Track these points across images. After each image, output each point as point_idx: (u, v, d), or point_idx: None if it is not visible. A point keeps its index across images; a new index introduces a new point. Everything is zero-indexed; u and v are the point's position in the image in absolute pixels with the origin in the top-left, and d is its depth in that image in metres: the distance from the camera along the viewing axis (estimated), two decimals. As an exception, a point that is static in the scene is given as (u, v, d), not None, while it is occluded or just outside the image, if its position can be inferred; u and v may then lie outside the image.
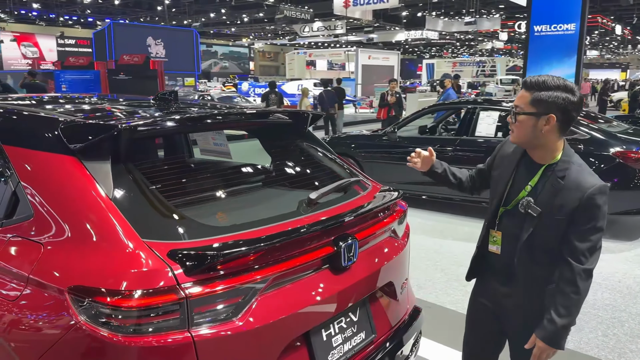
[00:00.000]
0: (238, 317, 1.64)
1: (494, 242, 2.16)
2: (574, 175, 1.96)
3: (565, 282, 1.94)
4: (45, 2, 33.13)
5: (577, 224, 1.93)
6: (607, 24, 32.67)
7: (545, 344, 1.96)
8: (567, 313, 1.93)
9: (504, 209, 2.12)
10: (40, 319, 1.63)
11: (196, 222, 1.80)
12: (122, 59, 16.12)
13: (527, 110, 1.95)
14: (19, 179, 1.89)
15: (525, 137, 1.99)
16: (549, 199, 1.97)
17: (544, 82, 1.93)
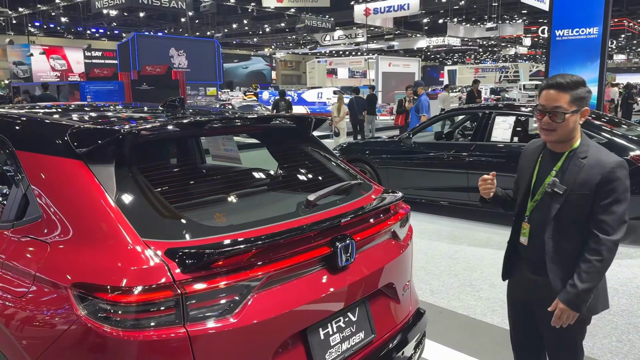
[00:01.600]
0: (233, 313, 1.69)
1: (523, 234, 2.33)
2: (595, 154, 2.17)
3: (589, 251, 2.12)
4: (73, 16, 34.08)
5: (601, 197, 2.11)
6: (634, 27, 32.07)
7: (566, 306, 2.14)
8: (589, 279, 2.10)
9: (534, 203, 2.29)
10: (44, 315, 1.70)
11: (194, 222, 1.87)
12: (145, 70, 16.47)
13: (571, 109, 2.14)
14: (29, 182, 1.98)
15: (567, 133, 2.19)
16: (573, 177, 2.17)
17: (575, 82, 2.15)
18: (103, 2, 19.29)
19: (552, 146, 2.28)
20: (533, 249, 2.29)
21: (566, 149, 2.23)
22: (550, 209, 2.21)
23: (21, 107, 2.88)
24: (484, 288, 4.69)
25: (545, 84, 2.21)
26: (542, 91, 2.21)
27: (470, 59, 57.92)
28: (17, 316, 1.77)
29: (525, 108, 7.20)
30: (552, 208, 2.20)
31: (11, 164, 2.12)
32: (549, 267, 2.20)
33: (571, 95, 2.13)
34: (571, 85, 2.14)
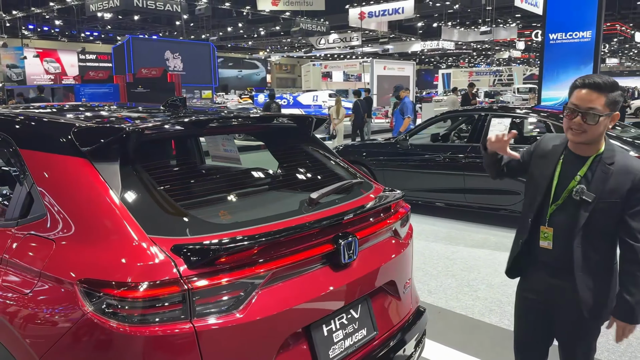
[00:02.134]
0: (239, 309, 1.71)
1: (545, 238, 2.25)
2: (622, 161, 2.11)
3: (629, 262, 2.09)
4: (67, 19, 33.98)
5: (631, 205, 2.06)
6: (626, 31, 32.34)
7: (625, 322, 2.12)
8: (637, 290, 2.07)
9: (555, 206, 2.21)
10: (50, 311, 1.71)
11: (199, 219, 1.88)
12: (140, 72, 16.47)
13: (605, 112, 2.05)
14: (34, 180, 1.99)
15: (596, 136, 2.09)
16: (601, 184, 2.09)
17: (613, 84, 2.06)
18: (97, 5, 19.26)
19: (575, 148, 2.19)
20: (557, 254, 2.22)
21: (591, 153, 2.14)
22: (578, 217, 2.13)
23: (16, 108, 2.89)
24: (482, 288, 4.72)
25: (580, 83, 2.10)
26: (575, 90, 2.11)
27: (464, 62, 58.18)
28: (23, 313, 1.77)
29: (520, 110, 7.27)
30: (581, 216, 2.12)
31: (15, 162, 2.13)
32: (577, 275, 2.15)
33: (607, 98, 2.04)
34: (608, 86, 2.04)
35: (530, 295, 2.38)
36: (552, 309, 2.31)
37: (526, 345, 2.50)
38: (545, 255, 2.27)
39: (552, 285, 2.26)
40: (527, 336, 2.47)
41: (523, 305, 2.44)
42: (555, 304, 2.28)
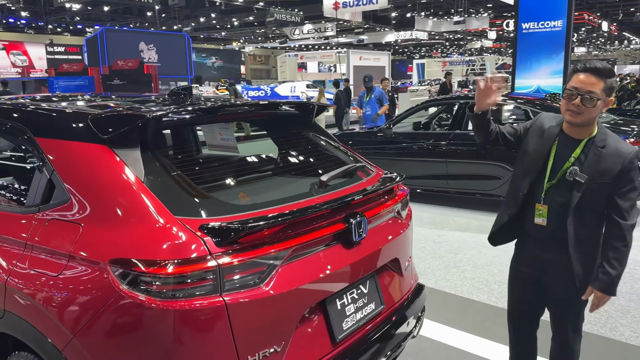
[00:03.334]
0: (263, 284, 1.81)
1: (540, 215, 2.39)
2: (613, 144, 2.26)
3: (615, 238, 2.25)
4: (33, 10, 33.10)
5: (620, 185, 2.23)
6: (593, 20, 33.08)
7: (603, 293, 2.28)
8: (619, 264, 2.25)
9: (550, 184, 2.35)
10: (82, 290, 1.78)
11: (221, 201, 1.98)
12: (117, 64, 16.23)
13: (602, 97, 2.19)
14: (53, 167, 2.04)
15: (592, 118, 2.24)
16: (593, 166, 2.24)
17: (610, 70, 2.19)
18: (65, -5, 18.81)
19: (570, 131, 2.32)
20: (550, 231, 2.36)
21: (585, 136, 2.28)
22: (571, 196, 2.27)
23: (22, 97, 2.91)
24: (468, 269, 4.91)
25: (582, 67, 2.21)
26: (575, 74, 2.22)
27: (438, 52, 58.73)
28: (54, 294, 1.84)
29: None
30: (574, 196, 2.27)
31: (32, 150, 2.18)
32: (571, 252, 2.30)
33: (605, 83, 2.17)
34: (607, 72, 2.17)
35: (525, 269, 2.53)
36: (546, 282, 2.47)
37: (520, 315, 2.66)
38: (539, 232, 2.42)
39: (546, 260, 2.42)
40: (521, 307, 2.63)
41: (518, 278, 2.59)
42: (549, 276, 2.44)
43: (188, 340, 1.69)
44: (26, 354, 2.02)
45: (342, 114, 13.83)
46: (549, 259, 2.41)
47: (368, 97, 10.35)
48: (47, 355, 1.87)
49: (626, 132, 6.12)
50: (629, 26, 40.73)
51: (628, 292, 4.33)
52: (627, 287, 4.43)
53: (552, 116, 2.48)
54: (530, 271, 2.51)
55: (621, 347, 3.49)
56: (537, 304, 2.60)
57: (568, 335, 2.52)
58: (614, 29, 38.35)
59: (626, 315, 3.91)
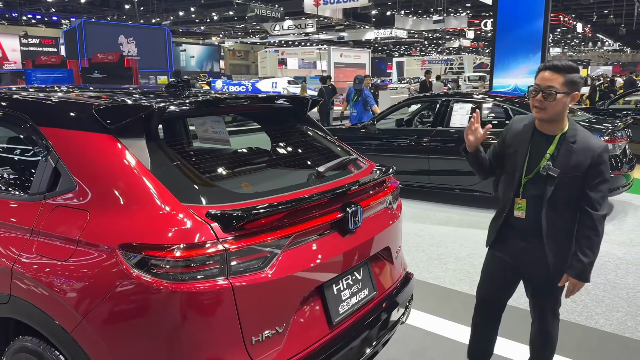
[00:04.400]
0: (266, 268, 1.90)
1: (519, 209, 2.53)
2: (583, 139, 2.41)
3: (587, 228, 2.39)
4: (7, 1, 32.37)
5: (590, 178, 2.37)
6: (568, 22, 33.77)
7: (577, 280, 2.44)
8: (591, 252, 2.41)
9: (527, 179, 2.49)
10: (92, 274, 1.84)
11: (225, 189, 2.06)
12: (97, 57, 16.03)
13: (563, 90, 2.33)
14: (59, 155, 2.09)
15: (556, 113, 2.38)
16: (565, 160, 2.39)
17: (571, 66, 2.35)
18: (41, -15, 18.45)
19: (542, 128, 2.47)
20: (528, 222, 2.50)
21: (557, 132, 2.43)
22: (545, 190, 2.42)
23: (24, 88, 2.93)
24: (450, 261, 5.06)
25: (542, 66, 2.40)
26: (539, 72, 2.39)
27: (417, 51, 59.22)
28: (63, 278, 1.89)
29: (478, 95, 7.65)
30: (547, 189, 2.41)
31: (36, 140, 2.22)
32: (545, 242, 2.45)
33: (565, 78, 2.32)
34: (566, 68, 2.33)
35: (504, 257, 2.67)
36: (524, 270, 2.62)
37: (490, 299, 2.81)
38: (518, 223, 2.56)
39: (524, 249, 2.56)
40: (494, 293, 2.79)
41: (495, 265, 2.73)
42: (527, 264, 2.58)
43: (196, 321, 1.77)
44: (31, 338, 2.07)
45: (327, 110, 13.92)
46: (526, 248, 2.55)
47: (355, 98, 10.43)
48: (56, 338, 1.93)
49: (600, 130, 6.34)
50: (602, 28, 41.68)
51: (602, 282, 4.52)
52: (602, 278, 4.62)
53: (523, 117, 2.64)
54: (508, 258, 2.65)
55: (596, 333, 3.67)
56: (508, 290, 2.76)
57: (547, 320, 2.68)
58: (588, 30, 39.22)
59: (600, 304, 4.10)
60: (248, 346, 1.85)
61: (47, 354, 1.99)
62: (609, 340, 3.57)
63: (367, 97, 10.36)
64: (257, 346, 1.88)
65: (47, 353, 1.99)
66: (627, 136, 6.63)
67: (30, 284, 1.98)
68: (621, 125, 6.57)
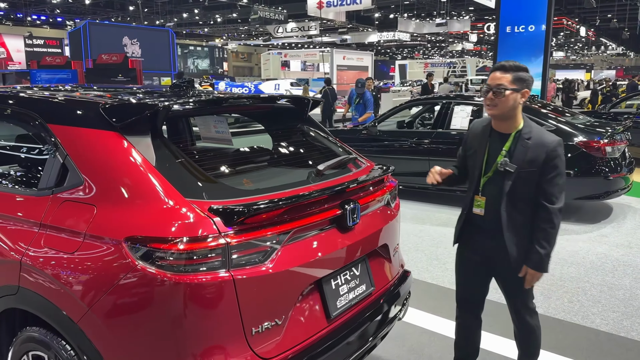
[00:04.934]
0: (266, 262, 1.96)
1: (478, 206, 2.64)
2: (537, 135, 2.52)
3: (543, 221, 2.48)
4: (12, 2, 32.57)
5: (546, 172, 2.47)
6: (572, 25, 33.82)
7: (535, 270, 2.53)
8: (548, 244, 2.50)
9: (486, 178, 2.60)
10: (98, 266, 1.90)
11: (227, 186, 2.13)
12: (101, 58, 16.15)
13: (512, 87, 2.47)
14: (67, 152, 2.16)
15: (506, 109, 2.49)
16: (521, 156, 2.48)
17: (517, 66, 2.50)
18: (47, -12, 18.58)
19: (498, 127, 2.58)
20: (488, 219, 2.60)
21: (511, 130, 2.55)
22: (503, 185, 2.52)
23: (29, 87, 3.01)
24: (449, 261, 5.11)
25: (492, 68, 2.59)
26: (490, 74, 2.57)
27: (419, 54, 59.29)
28: (70, 270, 1.96)
29: (479, 98, 7.70)
30: (505, 184, 2.51)
31: (45, 137, 2.29)
32: (505, 235, 2.54)
33: (512, 76, 2.47)
34: (513, 67, 2.48)
35: (472, 256, 2.76)
36: (493, 266, 2.71)
37: (468, 298, 2.88)
38: (479, 220, 2.66)
39: (490, 246, 2.65)
40: (469, 292, 2.86)
41: (466, 265, 2.82)
42: (495, 261, 2.67)
43: (198, 311, 1.83)
44: (38, 329, 2.14)
45: (329, 112, 13.96)
46: (493, 246, 2.63)
47: (357, 101, 10.48)
48: (62, 327, 1.99)
49: (600, 133, 6.39)
50: (606, 32, 41.73)
51: (599, 283, 4.58)
52: (599, 279, 4.68)
53: (482, 120, 2.76)
54: (476, 257, 2.74)
55: (592, 333, 3.72)
56: (483, 288, 2.83)
57: (524, 315, 2.74)
58: (592, 34, 39.25)
59: (597, 305, 4.15)
60: (248, 336, 1.91)
61: (54, 343, 2.05)
62: (604, 340, 3.62)
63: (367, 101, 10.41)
64: (257, 337, 1.94)
65: (53, 342, 2.06)
66: (627, 139, 6.68)
67: (38, 276, 2.05)
68: (620, 128, 6.62)
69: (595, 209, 7.09)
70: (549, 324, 3.82)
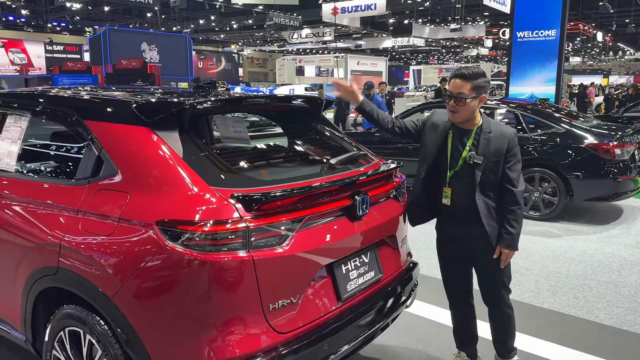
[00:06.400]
0: (283, 245, 2.16)
1: (446, 197, 2.84)
2: (497, 129, 2.78)
3: (510, 203, 2.73)
4: (33, 9, 33.34)
5: (508, 160, 2.71)
6: (588, 30, 33.64)
7: (508, 249, 2.76)
8: (517, 224, 2.75)
9: (453, 171, 2.80)
10: (131, 246, 2.11)
11: (248, 176, 2.34)
12: (121, 64, 16.58)
13: (472, 95, 2.67)
14: (102, 145, 2.38)
15: (468, 115, 2.72)
16: (485, 149, 2.71)
17: (476, 73, 2.67)
18: (66, -5, 18.99)
19: (459, 124, 2.78)
20: (458, 208, 2.80)
21: (472, 126, 2.76)
22: (474, 176, 2.72)
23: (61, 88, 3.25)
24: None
25: (452, 74, 2.75)
26: (450, 80, 2.73)
27: (434, 59, 59.32)
28: (106, 251, 2.17)
29: (491, 102, 7.84)
30: (476, 175, 2.71)
31: (81, 132, 2.51)
32: (484, 222, 2.74)
33: (472, 84, 2.64)
34: (472, 76, 2.65)
35: (449, 246, 2.95)
36: (469, 253, 2.89)
37: (455, 288, 3.06)
38: (447, 210, 2.87)
39: (463, 234, 2.84)
40: (455, 282, 3.04)
41: (445, 256, 3.02)
42: (471, 247, 2.85)
43: (221, 287, 2.03)
44: (74, 307, 2.35)
45: (343, 117, 14.11)
46: (465, 233, 2.83)
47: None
48: (98, 303, 2.20)
49: (610, 135, 6.50)
50: (623, 37, 41.41)
51: (605, 281, 4.69)
52: (605, 276, 4.79)
53: (444, 112, 2.91)
54: (454, 247, 2.92)
55: (596, 326, 3.85)
56: (466, 276, 3.00)
57: (502, 296, 2.92)
58: (609, 39, 38.96)
59: (601, 301, 4.27)
60: (265, 311, 2.10)
61: (89, 319, 2.26)
62: (607, 333, 3.75)
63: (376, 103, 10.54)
64: (274, 312, 2.13)
65: (88, 318, 2.26)
66: (637, 142, 6.77)
67: (76, 257, 2.27)
68: (630, 131, 6.71)
69: (605, 210, 7.18)
70: (554, 318, 3.96)
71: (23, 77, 18.97)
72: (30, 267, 2.47)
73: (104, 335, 2.20)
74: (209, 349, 2.03)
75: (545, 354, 3.41)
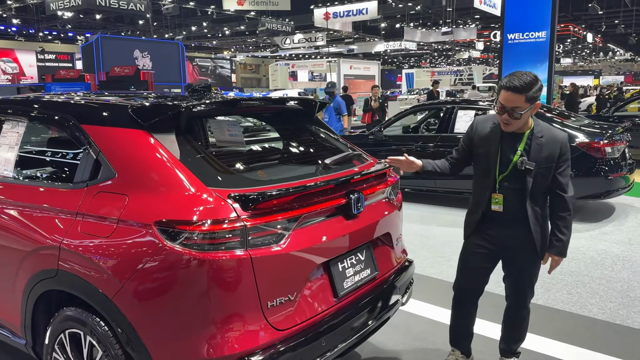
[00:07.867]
0: (280, 243, 2.19)
1: (496, 203, 2.77)
2: (548, 133, 2.70)
3: (561, 209, 2.69)
4: (24, 18, 33.26)
5: (560, 165, 2.66)
6: (578, 32, 33.91)
7: (558, 256, 2.74)
8: (567, 230, 2.71)
9: (503, 176, 2.74)
10: (131, 247, 2.14)
11: (244, 176, 2.38)
12: (114, 71, 16.57)
13: (526, 108, 2.57)
14: (99, 149, 2.41)
15: (522, 125, 2.65)
16: (537, 154, 2.66)
17: (529, 83, 2.52)
18: (58, 4, 18.92)
19: None
20: (508, 213, 2.72)
21: (524, 130, 2.68)
22: (525, 182, 2.65)
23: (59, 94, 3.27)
24: (454, 258, 5.26)
25: (505, 85, 2.55)
26: (501, 91, 2.57)
27: (426, 62, 59.57)
28: (106, 252, 2.20)
29: (483, 103, 7.92)
30: (527, 181, 2.65)
31: (79, 136, 2.54)
32: (533, 228, 2.70)
33: (526, 97, 2.53)
34: (526, 87, 2.51)
35: (483, 244, 2.86)
36: (506, 254, 2.86)
37: (472, 287, 3.01)
38: (496, 216, 2.79)
39: (508, 235, 2.80)
40: (473, 280, 2.98)
41: (474, 254, 2.92)
42: (510, 248, 2.82)
43: (220, 285, 2.06)
44: (74, 309, 2.38)
45: None
46: (510, 234, 2.79)
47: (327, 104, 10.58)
48: (98, 304, 2.23)
49: (600, 134, 6.58)
50: (613, 38, 41.75)
51: (598, 277, 4.75)
52: (598, 272, 4.85)
53: (485, 118, 2.87)
54: (489, 245, 2.86)
55: (589, 321, 3.90)
56: (485, 277, 2.97)
57: (526, 297, 2.93)
58: (599, 40, 39.28)
59: (595, 296, 4.33)
60: (264, 309, 2.14)
61: (89, 321, 2.29)
62: (600, 327, 3.80)
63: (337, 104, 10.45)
64: (272, 310, 2.17)
65: (89, 320, 2.29)
66: (627, 140, 6.85)
67: (76, 259, 2.29)
68: (619, 129, 6.80)
69: (597, 208, 7.26)
70: (548, 314, 4.01)
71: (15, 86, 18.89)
72: (30, 271, 2.50)
73: (105, 335, 2.22)
74: (209, 346, 2.06)
75: (540, 349, 3.46)
